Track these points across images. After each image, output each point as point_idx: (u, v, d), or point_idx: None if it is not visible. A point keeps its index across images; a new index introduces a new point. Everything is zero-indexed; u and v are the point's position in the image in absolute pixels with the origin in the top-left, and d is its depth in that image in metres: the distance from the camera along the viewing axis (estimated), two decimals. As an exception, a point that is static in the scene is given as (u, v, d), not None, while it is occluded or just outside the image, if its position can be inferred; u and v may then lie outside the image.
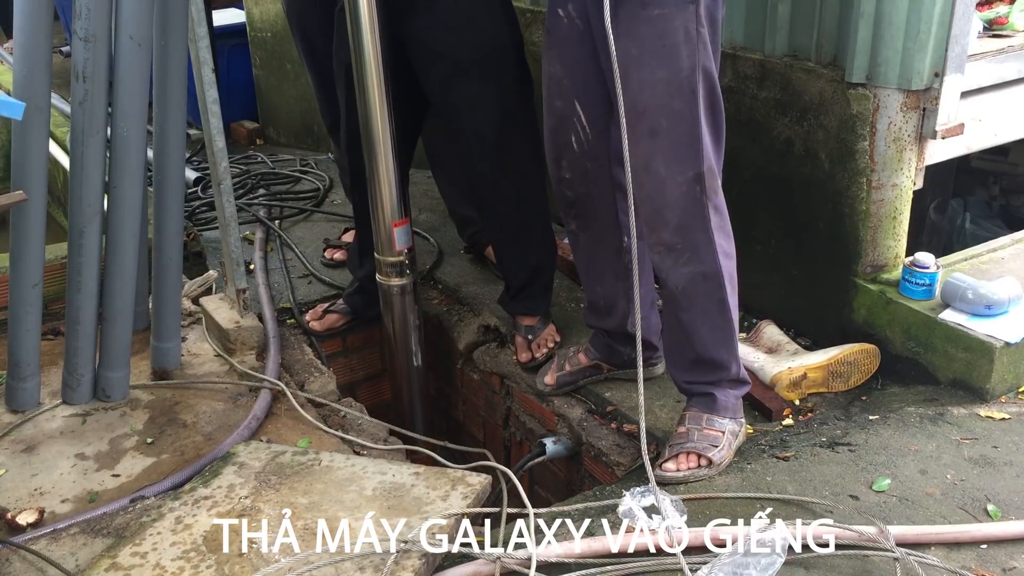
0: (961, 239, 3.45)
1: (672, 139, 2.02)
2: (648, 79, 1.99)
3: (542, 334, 2.78)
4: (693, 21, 1.97)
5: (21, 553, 1.98)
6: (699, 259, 2.10)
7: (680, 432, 2.23)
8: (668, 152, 2.03)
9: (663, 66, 1.98)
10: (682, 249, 2.10)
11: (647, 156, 2.04)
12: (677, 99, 2.00)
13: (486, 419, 3.06)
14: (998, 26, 2.71)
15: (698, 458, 2.17)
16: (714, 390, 2.24)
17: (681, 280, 2.14)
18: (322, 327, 3.04)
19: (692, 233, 2.09)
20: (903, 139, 2.43)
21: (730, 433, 2.22)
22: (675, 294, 2.17)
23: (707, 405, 2.24)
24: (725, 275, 2.13)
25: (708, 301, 2.15)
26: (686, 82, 1.99)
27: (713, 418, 2.22)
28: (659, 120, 2.01)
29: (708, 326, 2.18)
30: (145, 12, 2.28)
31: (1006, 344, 2.34)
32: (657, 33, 1.98)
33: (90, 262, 2.40)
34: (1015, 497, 2.04)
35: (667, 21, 1.97)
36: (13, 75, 2.25)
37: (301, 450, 2.25)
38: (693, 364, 2.24)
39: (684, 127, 2.01)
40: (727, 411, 2.24)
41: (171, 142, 2.50)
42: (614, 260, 2.41)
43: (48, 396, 2.55)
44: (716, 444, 2.18)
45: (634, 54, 1.99)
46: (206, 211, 3.86)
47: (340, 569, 1.82)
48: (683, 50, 1.97)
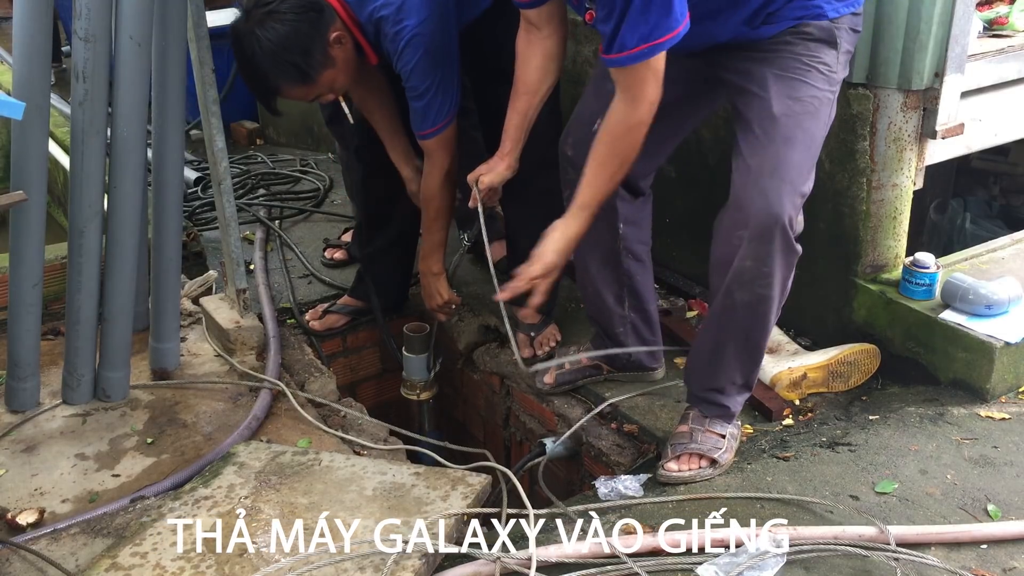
0: (961, 239, 3.44)
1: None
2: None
3: (544, 332, 2.78)
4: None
5: (21, 553, 1.98)
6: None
7: (682, 431, 2.22)
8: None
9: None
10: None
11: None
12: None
13: (486, 419, 3.06)
14: (998, 26, 2.71)
15: (700, 459, 2.17)
16: (725, 400, 2.23)
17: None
18: (322, 327, 3.04)
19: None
20: (903, 139, 2.43)
21: (731, 436, 2.22)
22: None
23: (714, 411, 2.23)
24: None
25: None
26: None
27: (716, 421, 2.22)
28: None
29: (748, 350, 2.18)
30: (145, 12, 2.28)
31: (1006, 344, 2.34)
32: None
33: (90, 262, 2.40)
34: (1015, 497, 2.04)
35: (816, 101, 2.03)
36: (13, 75, 2.25)
37: (301, 450, 2.25)
38: (717, 379, 2.22)
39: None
40: (733, 416, 2.24)
41: (170, 142, 2.50)
42: (606, 252, 2.41)
43: (48, 396, 2.55)
44: (719, 446, 2.18)
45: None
46: (206, 211, 3.86)
47: (340, 569, 1.82)
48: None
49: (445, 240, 2.77)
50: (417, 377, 2.88)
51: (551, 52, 2.22)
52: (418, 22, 2.31)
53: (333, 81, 2.37)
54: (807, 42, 2.02)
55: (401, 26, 2.31)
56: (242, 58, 2.30)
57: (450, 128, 2.50)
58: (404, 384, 2.92)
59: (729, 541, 1.87)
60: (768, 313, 2.11)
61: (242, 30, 2.27)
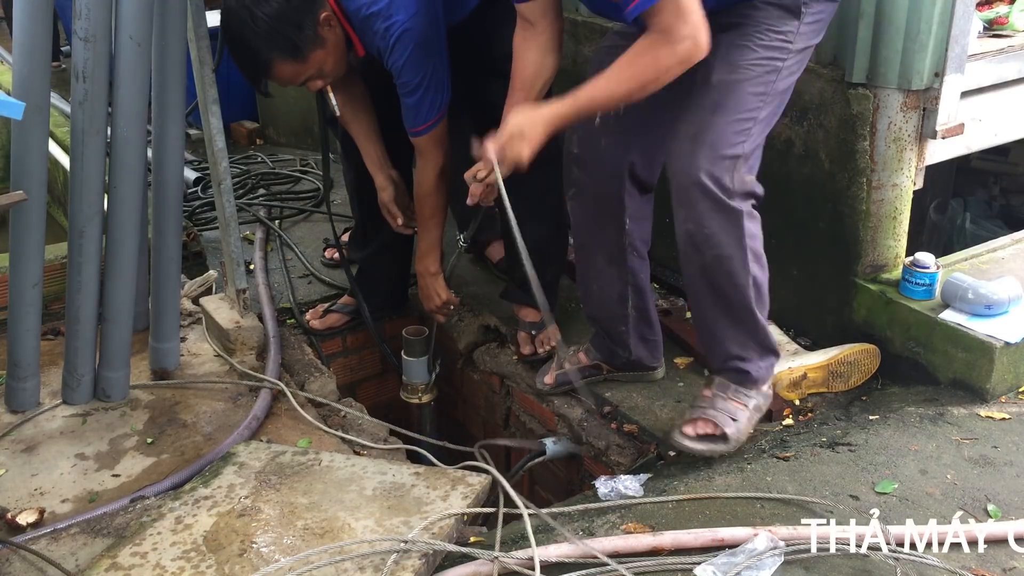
0: (961, 239, 3.44)
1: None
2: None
3: (544, 332, 2.78)
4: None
5: (21, 553, 1.98)
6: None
7: (705, 396, 2.23)
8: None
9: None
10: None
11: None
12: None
13: (486, 419, 3.06)
14: (998, 26, 2.71)
15: (714, 427, 2.17)
16: (743, 364, 2.21)
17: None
18: (322, 326, 3.04)
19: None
20: (903, 139, 2.43)
21: (754, 408, 2.22)
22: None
23: (734, 377, 2.23)
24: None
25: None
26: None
27: (740, 390, 2.22)
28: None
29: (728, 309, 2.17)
30: (145, 12, 2.28)
31: (1006, 344, 2.34)
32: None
33: (90, 262, 2.40)
34: (1015, 497, 2.04)
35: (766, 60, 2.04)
36: (13, 75, 2.25)
37: (301, 450, 2.25)
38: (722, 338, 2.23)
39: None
40: (756, 382, 2.23)
41: (170, 142, 2.50)
42: (612, 249, 2.41)
43: (48, 396, 2.55)
44: (735, 417, 2.18)
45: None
46: (206, 211, 3.86)
47: (340, 569, 1.82)
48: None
49: (441, 239, 2.78)
50: (417, 380, 2.87)
51: (547, 46, 2.22)
52: (407, 17, 2.33)
53: (323, 63, 2.39)
54: (769, 8, 2.03)
55: (391, 22, 2.33)
56: (233, 35, 2.32)
57: (441, 125, 2.52)
58: (404, 388, 2.92)
59: (729, 541, 1.86)
60: (733, 272, 2.11)
61: (234, 6, 2.29)
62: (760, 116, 2.06)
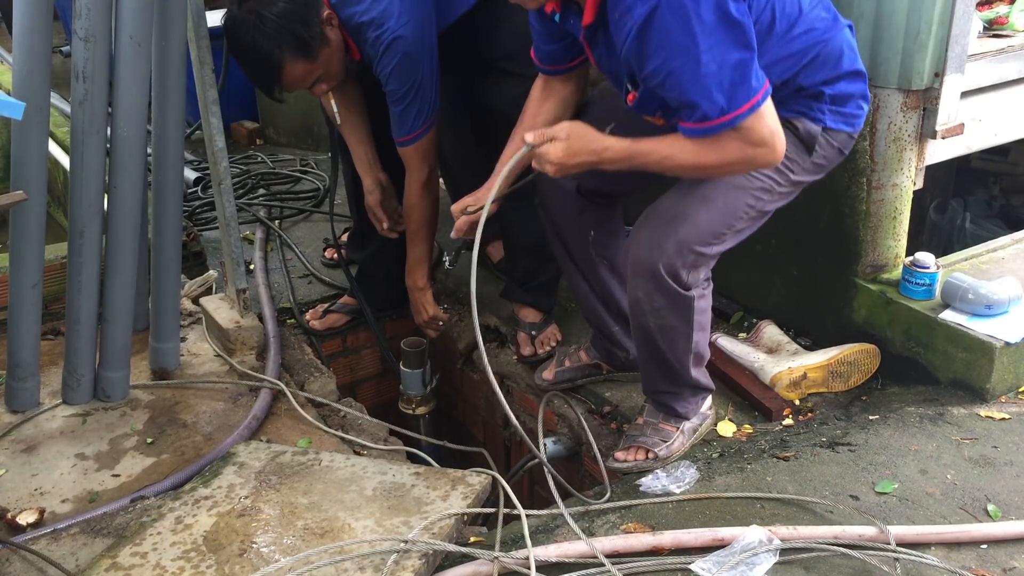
0: (961, 239, 3.44)
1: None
2: None
3: (545, 332, 2.78)
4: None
5: (21, 553, 1.98)
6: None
7: (637, 424, 2.30)
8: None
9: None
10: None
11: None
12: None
13: (486, 419, 3.06)
14: (998, 26, 2.71)
15: (646, 452, 2.23)
16: (671, 401, 2.27)
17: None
18: (322, 326, 3.04)
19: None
20: (903, 139, 2.43)
21: (688, 430, 2.28)
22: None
23: (664, 410, 2.29)
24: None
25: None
26: None
27: (670, 417, 2.28)
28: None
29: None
30: (145, 12, 2.28)
31: (1006, 344, 2.34)
32: None
33: (90, 262, 2.40)
34: (1015, 497, 2.04)
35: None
36: (13, 75, 2.25)
37: (301, 450, 2.25)
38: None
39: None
40: (683, 418, 2.28)
41: (170, 142, 2.50)
42: (581, 260, 2.42)
43: (48, 396, 2.55)
44: (666, 440, 2.24)
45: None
46: (206, 211, 3.86)
47: (340, 569, 1.82)
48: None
49: (429, 253, 2.79)
50: (413, 391, 2.87)
51: (567, 100, 2.23)
52: (399, 25, 2.34)
53: (329, 62, 2.40)
54: (787, 132, 1.95)
55: (382, 29, 2.35)
56: (243, 42, 2.32)
57: (427, 137, 2.53)
58: (401, 398, 2.92)
59: (729, 541, 1.87)
60: (676, 340, 2.13)
61: (239, 14, 2.29)
62: (739, 227, 2.06)
